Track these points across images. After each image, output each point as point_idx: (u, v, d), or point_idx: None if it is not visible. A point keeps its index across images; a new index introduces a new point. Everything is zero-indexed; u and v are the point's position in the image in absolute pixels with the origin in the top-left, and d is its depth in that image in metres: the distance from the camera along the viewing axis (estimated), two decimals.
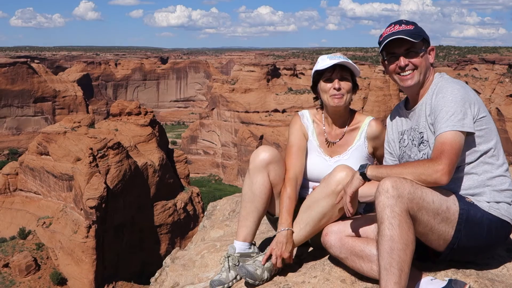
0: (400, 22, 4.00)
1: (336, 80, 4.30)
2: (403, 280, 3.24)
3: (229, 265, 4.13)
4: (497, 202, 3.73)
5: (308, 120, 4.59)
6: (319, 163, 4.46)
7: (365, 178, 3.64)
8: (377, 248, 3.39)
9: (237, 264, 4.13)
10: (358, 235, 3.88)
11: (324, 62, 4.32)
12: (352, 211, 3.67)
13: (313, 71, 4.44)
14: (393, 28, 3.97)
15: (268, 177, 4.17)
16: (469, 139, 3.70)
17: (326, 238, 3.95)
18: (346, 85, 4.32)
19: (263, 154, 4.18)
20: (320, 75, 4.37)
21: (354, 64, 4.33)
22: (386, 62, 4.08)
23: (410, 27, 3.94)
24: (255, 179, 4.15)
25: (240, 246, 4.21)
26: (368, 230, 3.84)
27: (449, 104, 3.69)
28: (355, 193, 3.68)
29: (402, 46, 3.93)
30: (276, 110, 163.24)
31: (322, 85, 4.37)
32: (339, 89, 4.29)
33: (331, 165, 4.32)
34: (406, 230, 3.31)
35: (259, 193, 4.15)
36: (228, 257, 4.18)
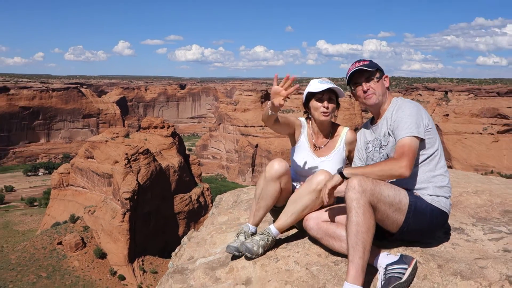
0: (359, 60, 4.11)
1: (326, 101, 4.31)
2: (366, 255, 3.25)
3: (245, 237, 4.18)
4: (438, 196, 3.75)
5: (304, 126, 4.59)
6: (308, 160, 4.45)
7: (343, 177, 3.62)
8: (346, 231, 3.38)
9: (246, 238, 4.16)
10: (331, 220, 3.87)
11: (315, 85, 4.31)
12: (327, 200, 3.64)
13: (306, 91, 4.41)
14: (354, 65, 4.06)
15: (280, 185, 4.15)
16: (420, 145, 3.73)
17: (306, 223, 3.95)
18: (332, 105, 4.34)
19: (277, 167, 4.13)
20: (312, 95, 4.37)
21: (340, 88, 4.33)
22: (353, 91, 4.13)
23: (367, 62, 4.04)
24: (270, 187, 4.13)
25: (251, 228, 4.24)
26: (339, 217, 3.83)
27: (407, 117, 3.76)
28: (334, 188, 3.63)
29: (362, 76, 4.02)
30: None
31: (314, 103, 4.34)
32: (327, 108, 4.31)
33: (317, 164, 4.37)
34: (368, 217, 3.32)
35: (271, 196, 4.15)
36: (243, 232, 4.22)
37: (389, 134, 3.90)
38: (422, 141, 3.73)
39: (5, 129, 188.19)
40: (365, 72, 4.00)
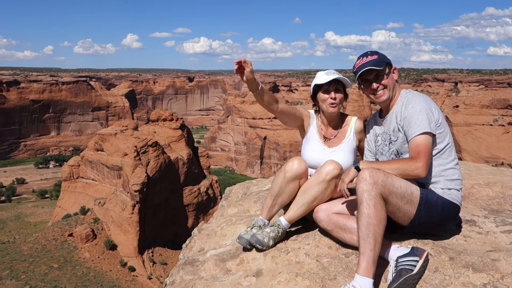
0: (366, 54, 3.94)
1: (332, 92, 4.25)
2: (377, 248, 3.24)
3: (257, 229, 4.16)
4: (449, 189, 3.72)
5: (313, 117, 4.54)
6: (318, 151, 4.39)
7: (359, 171, 3.55)
8: (357, 223, 3.37)
9: (258, 230, 4.15)
10: (341, 212, 3.85)
11: (322, 77, 4.25)
12: (349, 194, 3.63)
13: (313, 84, 4.35)
14: (362, 60, 3.90)
15: (299, 183, 4.13)
16: (432, 139, 3.67)
17: (316, 215, 3.93)
18: (339, 96, 4.27)
19: (298, 167, 4.11)
20: (319, 87, 4.31)
21: (346, 79, 4.28)
22: (362, 87, 4.03)
23: (375, 57, 3.89)
24: (289, 187, 4.12)
25: (263, 221, 4.22)
26: (350, 209, 3.82)
27: (418, 113, 3.67)
28: (351, 182, 3.60)
29: (372, 73, 3.90)
30: (276, 117, 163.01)
31: (321, 95, 4.29)
32: (335, 99, 4.25)
33: (328, 154, 4.32)
34: (380, 209, 3.30)
35: (289, 195, 4.14)
36: (258, 226, 4.20)
37: (398, 130, 3.84)
38: (433, 136, 3.67)
39: (16, 122, 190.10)
40: (374, 70, 3.87)
